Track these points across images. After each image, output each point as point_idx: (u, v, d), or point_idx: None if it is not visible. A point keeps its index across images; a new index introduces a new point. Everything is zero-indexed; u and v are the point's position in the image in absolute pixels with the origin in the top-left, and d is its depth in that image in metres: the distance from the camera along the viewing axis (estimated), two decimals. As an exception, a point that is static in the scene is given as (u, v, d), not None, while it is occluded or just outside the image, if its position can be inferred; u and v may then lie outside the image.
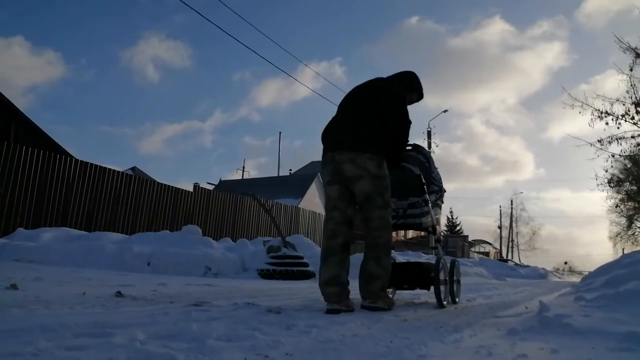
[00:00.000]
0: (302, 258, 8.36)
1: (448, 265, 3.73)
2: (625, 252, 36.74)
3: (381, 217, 3.17)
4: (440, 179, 3.92)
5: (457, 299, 3.95)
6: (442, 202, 3.96)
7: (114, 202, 11.76)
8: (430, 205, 3.59)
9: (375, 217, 3.17)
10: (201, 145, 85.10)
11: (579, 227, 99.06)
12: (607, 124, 12.53)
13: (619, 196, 32.05)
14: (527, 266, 34.86)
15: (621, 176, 30.65)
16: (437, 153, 36.58)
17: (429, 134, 30.86)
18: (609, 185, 26.63)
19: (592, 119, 12.65)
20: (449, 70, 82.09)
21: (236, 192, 17.30)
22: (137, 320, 2.26)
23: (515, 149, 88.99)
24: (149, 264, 7.26)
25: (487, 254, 45.49)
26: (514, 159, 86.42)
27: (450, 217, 53.98)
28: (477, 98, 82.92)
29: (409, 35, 79.42)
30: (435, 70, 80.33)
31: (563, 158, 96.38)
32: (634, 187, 30.01)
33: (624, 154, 12.86)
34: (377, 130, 3.18)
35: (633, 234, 34.61)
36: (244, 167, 46.43)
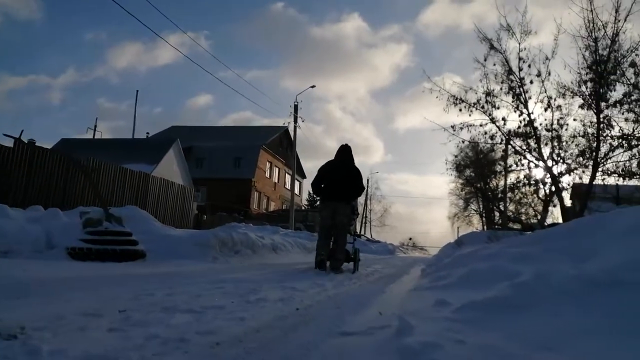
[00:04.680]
0: (129, 235, 6.96)
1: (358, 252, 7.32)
2: (460, 231, 40.81)
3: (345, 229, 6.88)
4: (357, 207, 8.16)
5: (357, 269, 7.03)
6: (357, 217, 8.28)
7: None
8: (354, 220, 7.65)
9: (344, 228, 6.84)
10: (48, 102, 76.80)
11: (421, 207, 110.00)
12: (460, 110, 12.87)
13: (460, 181, 35.21)
14: (378, 242, 36.78)
15: (463, 163, 33.56)
16: (302, 128, 36.53)
17: (295, 108, 30.34)
18: (457, 170, 28.80)
19: (447, 105, 12.89)
20: (309, 57, 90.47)
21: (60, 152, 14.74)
22: None
23: (367, 135, 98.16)
24: None
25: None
26: (366, 144, 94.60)
27: (311, 192, 54.87)
28: (334, 86, 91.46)
29: (273, 19, 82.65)
30: (297, 55, 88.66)
31: (408, 146, 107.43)
32: (472, 174, 33.07)
33: (472, 141, 13.34)
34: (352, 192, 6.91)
35: (468, 216, 38.28)
36: (95, 126, 41.45)
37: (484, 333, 2.11)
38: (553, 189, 13.87)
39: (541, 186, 14.03)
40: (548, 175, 12.85)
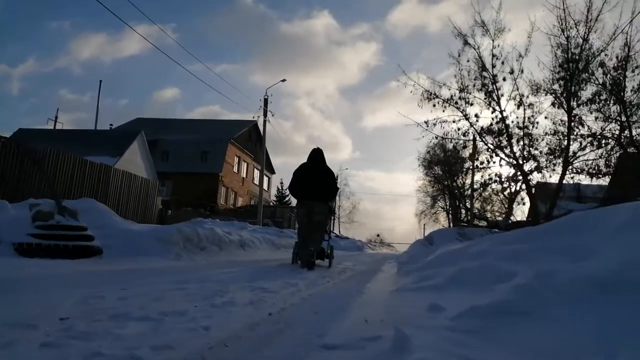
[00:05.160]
0: (84, 229, 6.40)
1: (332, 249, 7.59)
2: (427, 227, 41.21)
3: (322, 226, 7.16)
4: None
5: (331, 265, 7.30)
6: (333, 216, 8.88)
7: None
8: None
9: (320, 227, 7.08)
10: (6, 92, 73.81)
11: (388, 204, 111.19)
12: (434, 105, 12.65)
13: (428, 178, 35.40)
14: (347, 238, 36.66)
15: (432, 159, 33.75)
16: (272, 124, 36.02)
17: (265, 101, 29.76)
18: (429, 167, 28.88)
19: (421, 99, 12.65)
20: (279, 53, 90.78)
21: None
22: None
23: (336, 132, 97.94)
24: None
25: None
26: (335, 141, 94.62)
27: (280, 188, 54.31)
28: (303, 82, 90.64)
29: (243, 13, 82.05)
30: (266, 50, 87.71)
31: (376, 144, 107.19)
32: (440, 172, 33.27)
33: (445, 137, 13.18)
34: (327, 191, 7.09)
35: (435, 213, 38.58)
36: (56, 117, 39.64)
37: (494, 348, 1.80)
38: (519, 187, 13.90)
39: (512, 184, 13.99)
40: (519, 173, 12.78)
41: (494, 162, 13.64)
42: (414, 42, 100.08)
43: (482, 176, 15.36)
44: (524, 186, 13.55)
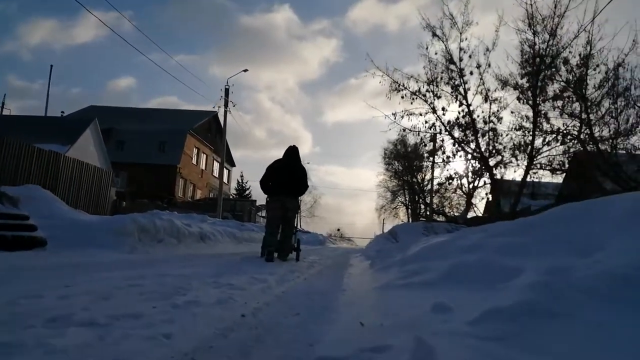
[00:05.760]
0: (25, 218, 5.72)
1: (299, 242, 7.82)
2: (386, 222, 41.51)
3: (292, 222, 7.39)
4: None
5: (299, 258, 7.44)
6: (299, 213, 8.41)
7: None
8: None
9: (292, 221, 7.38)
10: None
11: (347, 198, 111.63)
12: (402, 97, 12.41)
13: (389, 173, 35.51)
14: (309, 232, 36.37)
15: (392, 154, 33.89)
16: (232, 116, 35.21)
17: (227, 91, 28.91)
18: (390, 162, 28.87)
19: (390, 91, 12.38)
20: (238, 45, 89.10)
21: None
22: None
23: (296, 126, 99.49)
24: None
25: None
26: (295, 135, 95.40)
27: (240, 181, 53.37)
28: (264, 75, 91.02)
29: (201, 3, 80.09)
30: (224, 42, 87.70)
31: (336, 139, 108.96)
32: (400, 168, 33.39)
33: (413, 130, 12.96)
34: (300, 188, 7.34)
35: (395, 208, 38.78)
36: (3, 103, 37.16)
37: (532, 358, 1.44)
38: (482, 182, 13.89)
39: (477, 178, 13.97)
40: (484, 167, 12.75)
41: (460, 157, 13.61)
42: (374, 40, 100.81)
43: (441, 172, 15.22)
44: (483, 182, 13.56)
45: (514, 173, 12.85)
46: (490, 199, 15.25)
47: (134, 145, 36.47)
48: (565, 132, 12.35)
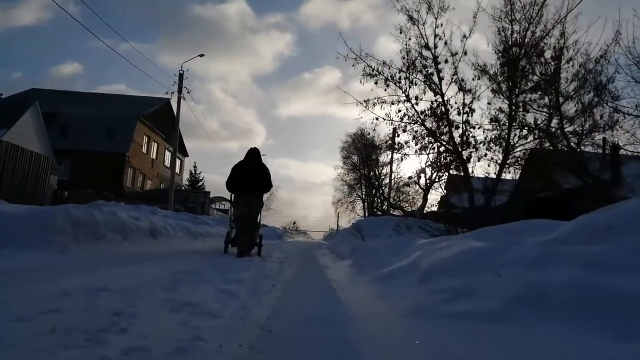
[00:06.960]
0: None
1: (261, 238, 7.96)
2: (341, 216, 40.97)
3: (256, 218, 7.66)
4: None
5: (261, 254, 7.66)
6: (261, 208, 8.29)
7: None
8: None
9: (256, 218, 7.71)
10: None
11: (301, 192, 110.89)
12: (376, 83, 11.61)
13: (346, 167, 34.85)
14: (266, 225, 35.22)
15: (352, 146, 33.27)
16: (184, 106, 33.43)
17: (180, 77, 27.20)
18: (352, 155, 28.14)
19: (363, 75, 11.53)
20: (188, 34, 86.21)
21: None
22: None
23: (249, 119, 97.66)
24: None
25: (227, 212, 44.73)
26: (248, 127, 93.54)
27: (193, 172, 51.33)
28: (216, 66, 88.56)
29: None
30: (174, 31, 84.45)
31: (290, 133, 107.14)
32: (358, 161, 32.80)
33: (387, 118, 12.14)
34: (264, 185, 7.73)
35: (352, 201, 38.17)
36: None
37: None
38: (435, 177, 13.37)
39: (445, 172, 13.38)
40: (458, 160, 12.11)
41: (434, 149, 12.94)
42: (326, 36, 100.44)
43: (397, 167, 14.53)
44: (438, 177, 12.94)
45: (487, 167, 12.34)
46: (444, 195, 14.76)
47: (79, 132, 33.93)
48: (538, 126, 11.94)
